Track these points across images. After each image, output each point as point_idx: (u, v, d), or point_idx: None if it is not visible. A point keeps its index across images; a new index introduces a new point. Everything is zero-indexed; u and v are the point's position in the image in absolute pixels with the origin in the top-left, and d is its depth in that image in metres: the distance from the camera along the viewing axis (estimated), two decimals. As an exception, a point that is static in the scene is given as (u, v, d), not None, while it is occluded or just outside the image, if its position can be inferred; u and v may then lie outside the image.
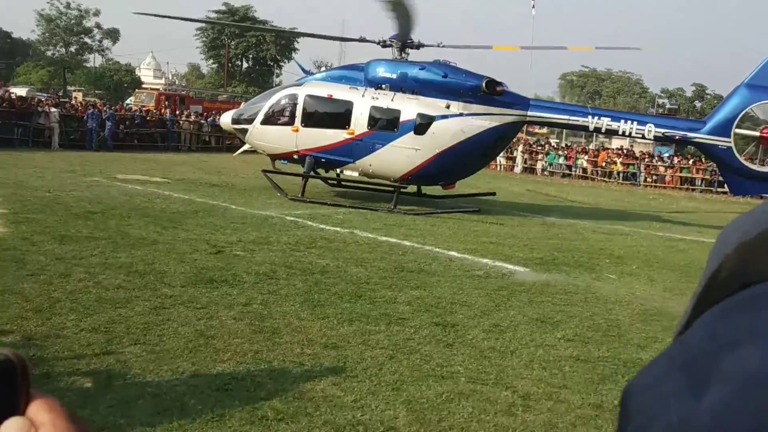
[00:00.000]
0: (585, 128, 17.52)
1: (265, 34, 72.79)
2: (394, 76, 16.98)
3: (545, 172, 39.55)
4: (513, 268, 10.60)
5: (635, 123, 16.92)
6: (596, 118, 16.98)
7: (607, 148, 47.56)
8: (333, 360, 5.84)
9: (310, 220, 13.53)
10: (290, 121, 17.43)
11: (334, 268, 9.38)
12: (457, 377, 5.70)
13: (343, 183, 18.45)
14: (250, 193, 17.33)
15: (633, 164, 38.31)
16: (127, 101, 49.46)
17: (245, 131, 18.38)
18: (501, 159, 41.13)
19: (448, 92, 16.67)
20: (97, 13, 72.57)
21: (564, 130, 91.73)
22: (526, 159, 40.36)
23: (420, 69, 16.93)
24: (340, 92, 17.20)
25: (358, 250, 10.86)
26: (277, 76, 76.81)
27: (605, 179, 37.74)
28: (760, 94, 16.05)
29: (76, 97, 47.74)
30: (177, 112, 37.35)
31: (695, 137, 16.60)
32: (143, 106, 39.59)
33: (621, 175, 37.88)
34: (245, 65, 78.12)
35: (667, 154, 44.89)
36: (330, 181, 19.10)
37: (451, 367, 5.90)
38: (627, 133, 17.07)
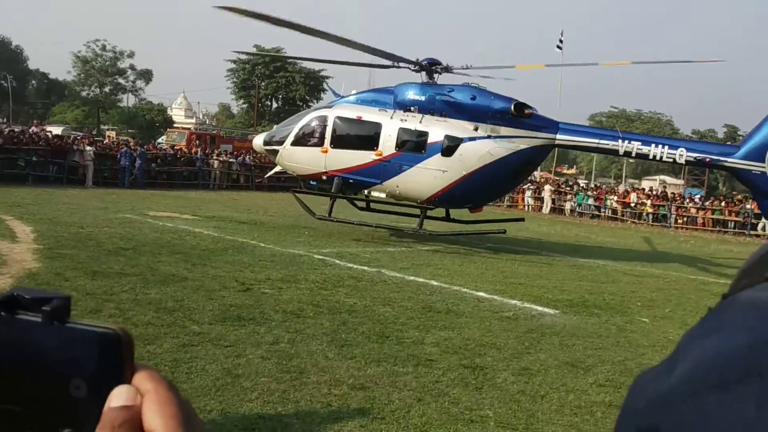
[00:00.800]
0: (615, 152, 17.20)
1: (295, 75, 73.90)
2: (423, 98, 17.10)
3: (574, 213, 39.26)
4: (543, 309, 10.46)
5: (666, 147, 16.52)
6: (626, 142, 16.62)
7: (637, 189, 47.16)
8: (360, 401, 5.77)
9: (338, 259, 13.53)
10: (320, 143, 17.59)
11: (362, 307, 9.34)
12: (486, 421, 5.59)
13: (371, 206, 18.52)
14: (279, 231, 17.42)
15: (663, 205, 37.84)
16: (159, 140, 50.35)
17: (276, 152, 18.57)
18: (529, 199, 41.01)
19: (476, 114, 16.68)
20: (131, 55, 74.57)
21: (593, 171, 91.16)
22: (554, 199, 40.11)
23: (449, 91, 17.03)
24: (369, 114, 17.34)
25: (386, 290, 10.81)
26: (307, 116, 77.63)
27: (635, 220, 37.33)
28: None
29: (109, 136, 48.74)
30: (207, 151, 37.89)
31: (728, 162, 16.23)
32: (174, 145, 40.27)
33: (651, 216, 37.44)
34: (275, 105, 79.28)
35: (698, 196, 44.40)
36: (358, 203, 19.21)
37: (480, 411, 5.80)
38: (658, 158, 16.58)
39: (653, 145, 16.60)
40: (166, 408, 0.51)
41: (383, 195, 17.66)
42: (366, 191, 18.01)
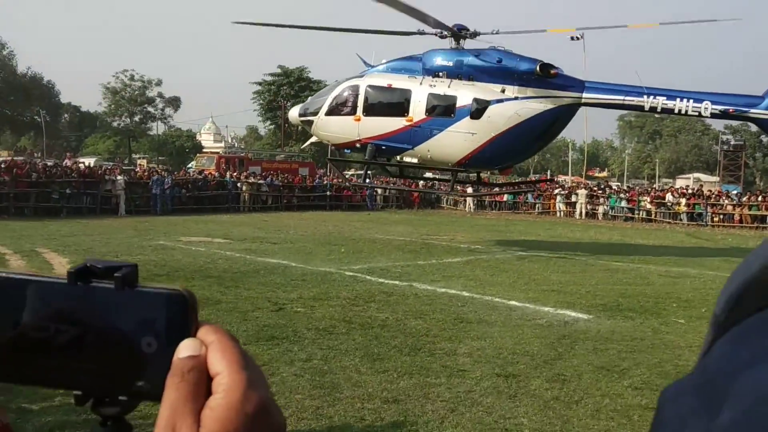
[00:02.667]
0: (641, 108, 17.43)
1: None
2: (451, 63, 17.52)
3: (607, 216, 38.84)
4: (576, 315, 10.38)
5: (691, 101, 16.62)
6: (652, 97, 16.84)
7: (672, 188, 46.48)
8: (394, 414, 5.79)
9: (369, 275, 13.59)
10: (352, 111, 18.07)
11: (393, 321, 9.36)
12: (521, 429, 5.57)
13: (403, 171, 18.89)
14: (309, 250, 17.55)
15: (699, 204, 37.23)
16: (189, 165, 51.07)
17: (311, 123, 19.04)
18: (560, 205, 40.69)
19: (503, 77, 17.10)
20: (159, 83, 75.87)
21: (625, 173, 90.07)
22: (586, 203, 39.72)
23: (475, 56, 17.44)
24: (399, 81, 17.82)
25: (417, 303, 10.83)
26: (333, 134, 78.24)
27: (670, 221, 36.79)
28: None
29: (141, 165, 49.59)
30: (236, 174, 38.36)
31: (752, 112, 16.33)
32: (204, 170, 40.82)
33: (686, 215, 36.86)
34: (302, 125, 79.85)
35: (735, 192, 43.59)
36: (390, 169, 19.60)
37: (514, 419, 5.78)
38: (684, 112, 16.88)
39: (678, 99, 16.81)
40: (228, 354, 0.57)
41: (415, 160, 18.12)
42: (398, 157, 18.39)
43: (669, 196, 39.05)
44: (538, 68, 16.89)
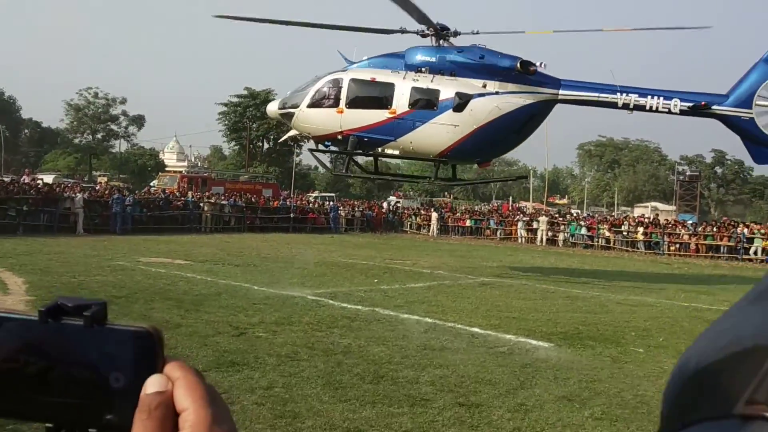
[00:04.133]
0: (614, 105, 17.96)
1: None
2: (434, 59, 17.99)
3: (567, 243, 39.34)
4: (537, 343, 10.46)
5: (661, 98, 17.58)
6: (624, 94, 17.63)
7: (629, 217, 47.34)
8: (356, 444, 5.74)
9: (332, 299, 13.52)
10: (335, 104, 18.19)
11: (356, 347, 9.32)
12: (482, 460, 5.56)
13: (378, 168, 20.14)
14: (272, 273, 17.41)
15: (656, 233, 37.98)
16: (151, 184, 50.45)
17: (291, 116, 19.06)
18: (522, 231, 41.11)
19: (485, 72, 17.72)
20: (123, 101, 75.09)
21: (585, 200, 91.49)
22: (547, 230, 40.19)
23: (458, 52, 18.00)
24: (383, 75, 18.17)
25: (380, 329, 10.80)
26: (297, 155, 78.22)
27: (628, 249, 37.42)
28: None
29: (101, 182, 48.84)
30: (198, 194, 37.99)
31: (718, 109, 17.37)
32: (166, 189, 40.36)
33: (644, 244, 37.53)
34: (266, 146, 79.69)
35: (690, 221, 44.56)
36: (363, 168, 20.52)
37: (476, 450, 5.77)
38: (654, 108, 17.60)
39: (649, 97, 17.63)
40: (194, 391, 0.59)
41: (397, 152, 18.46)
42: (380, 149, 18.62)
43: (625, 225, 39.77)
44: (518, 65, 17.58)
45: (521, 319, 12.56)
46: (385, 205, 52.88)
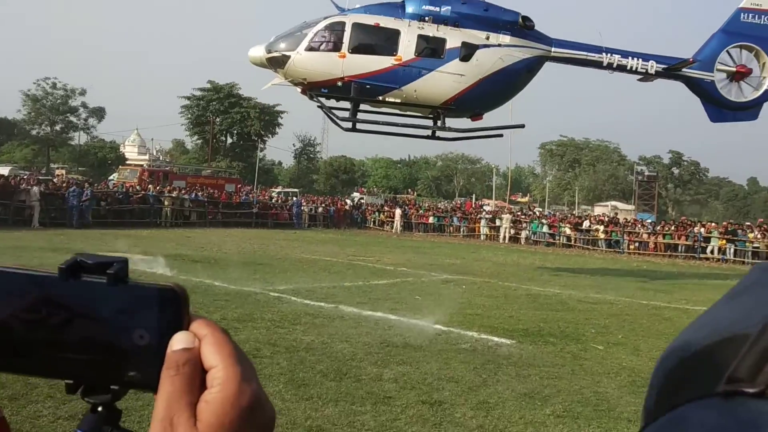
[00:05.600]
0: (600, 64, 19.13)
1: (250, 110, 73.76)
2: (438, 9, 18.02)
3: (529, 241, 39.72)
4: (499, 340, 10.49)
5: (640, 60, 19.41)
6: (609, 54, 19.11)
7: (590, 215, 48.00)
8: (318, 443, 5.67)
9: (294, 296, 13.41)
10: (336, 48, 17.69)
11: (319, 344, 9.24)
12: (445, 458, 5.54)
13: (355, 125, 18.88)
14: (234, 269, 17.21)
15: (616, 232, 38.57)
16: (111, 177, 49.59)
17: (282, 60, 17.93)
18: (485, 229, 41.39)
19: (488, 25, 18.06)
20: (83, 93, 73.52)
21: (546, 199, 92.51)
22: (509, 228, 40.55)
23: (462, 3, 18.13)
24: (387, 21, 17.97)
25: (343, 326, 10.73)
26: (261, 151, 77.64)
27: (588, 247, 37.94)
28: (733, 38, 19.76)
29: (59, 175, 47.84)
30: (159, 188, 37.44)
31: (686, 72, 19.57)
32: (126, 182, 39.71)
33: (605, 242, 38.09)
34: (229, 140, 78.94)
35: (649, 221, 45.36)
36: (343, 123, 19.03)
37: (439, 448, 5.75)
38: (635, 69, 19.39)
39: (630, 58, 19.37)
40: (222, 348, 0.59)
41: (399, 100, 18.15)
42: (381, 96, 18.20)
43: (586, 223, 40.34)
44: (520, 19, 18.09)
45: (484, 316, 12.61)
46: (348, 201, 52.75)
